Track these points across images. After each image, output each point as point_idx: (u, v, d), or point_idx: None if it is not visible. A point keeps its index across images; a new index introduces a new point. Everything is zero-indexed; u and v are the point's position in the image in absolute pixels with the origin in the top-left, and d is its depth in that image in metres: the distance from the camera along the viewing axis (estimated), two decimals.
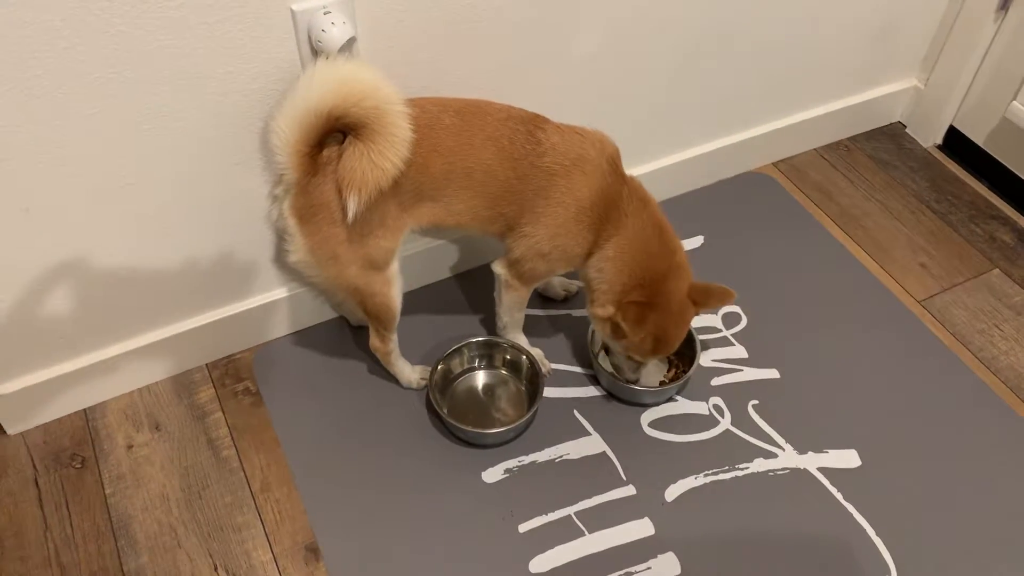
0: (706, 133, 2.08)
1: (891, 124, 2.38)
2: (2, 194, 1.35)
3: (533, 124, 1.47)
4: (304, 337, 1.83)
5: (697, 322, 1.86)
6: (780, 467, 1.66)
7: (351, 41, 1.40)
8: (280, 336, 1.83)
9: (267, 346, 1.82)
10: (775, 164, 2.26)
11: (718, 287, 1.59)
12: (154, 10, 1.26)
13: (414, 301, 1.86)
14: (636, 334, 1.53)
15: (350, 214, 1.36)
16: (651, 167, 2.03)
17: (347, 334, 1.84)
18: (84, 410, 1.72)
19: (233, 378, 1.77)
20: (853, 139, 2.34)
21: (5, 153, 1.31)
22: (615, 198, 1.50)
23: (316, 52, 1.40)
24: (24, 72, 1.24)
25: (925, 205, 2.17)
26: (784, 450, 1.68)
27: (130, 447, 1.67)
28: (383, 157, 1.33)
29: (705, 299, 1.58)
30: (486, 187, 1.47)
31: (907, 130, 2.36)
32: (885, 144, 2.33)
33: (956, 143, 2.28)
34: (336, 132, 1.37)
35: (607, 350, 1.73)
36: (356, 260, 1.46)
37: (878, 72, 2.24)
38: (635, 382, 1.69)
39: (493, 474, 1.63)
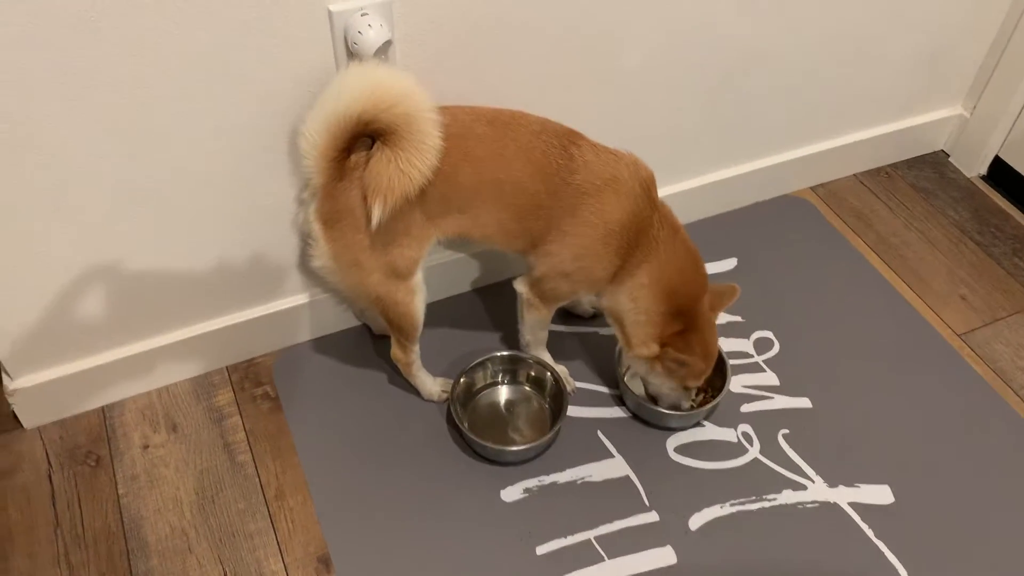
0: (743, 154, 2.04)
1: (934, 152, 2.33)
2: (33, 191, 1.34)
3: (568, 139, 1.44)
4: (325, 344, 1.81)
5: (728, 347, 1.82)
6: (809, 500, 1.60)
7: (387, 44, 1.38)
8: (302, 341, 1.81)
9: (288, 351, 1.79)
10: (813, 188, 2.21)
11: (724, 286, 1.57)
12: (190, 6, 1.24)
13: (437, 312, 1.82)
14: (692, 356, 1.50)
15: (374, 221, 1.33)
16: (687, 186, 1.99)
17: (369, 343, 1.81)
18: (102, 407, 1.70)
19: (252, 382, 1.74)
20: (894, 166, 2.28)
21: (38, 151, 1.30)
22: (646, 224, 1.46)
23: (351, 55, 1.38)
24: (58, 71, 1.22)
25: (967, 236, 2.11)
26: (814, 482, 1.62)
27: (146, 447, 1.64)
28: (411, 165, 1.30)
29: (719, 302, 1.56)
30: (515, 200, 1.44)
31: (950, 159, 2.30)
32: (927, 172, 2.27)
33: (1001, 174, 2.22)
34: (365, 137, 1.34)
35: (652, 398, 1.68)
36: (379, 268, 1.44)
37: (923, 99, 2.19)
38: (687, 407, 1.66)
39: (512, 493, 1.59)
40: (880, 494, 1.61)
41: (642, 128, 1.80)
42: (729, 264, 1.99)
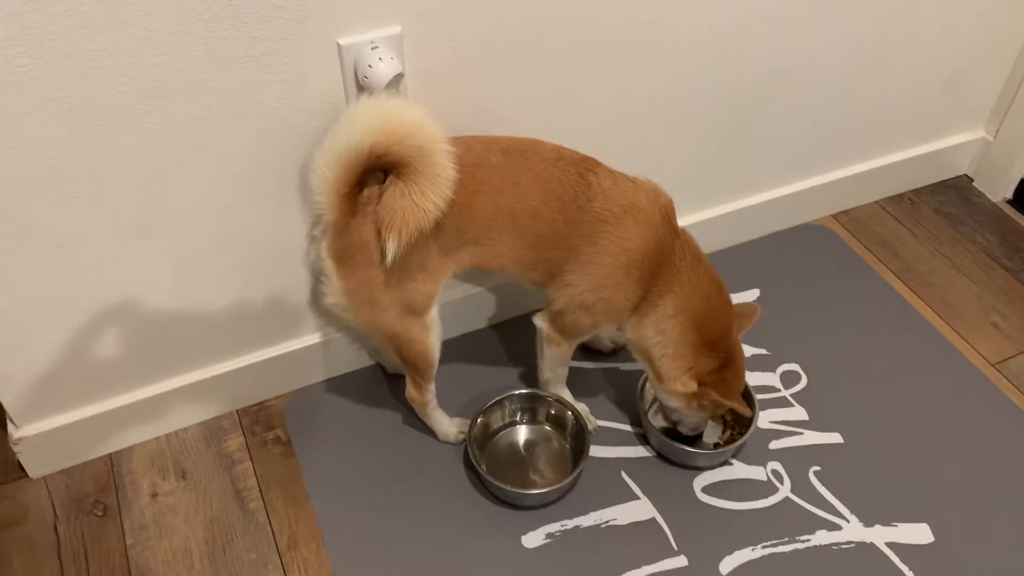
0: (763, 182, 2.00)
1: (957, 177, 2.28)
2: (36, 228, 1.31)
3: (584, 167, 1.40)
4: (339, 384, 1.76)
5: (754, 381, 1.76)
6: (844, 540, 1.53)
7: (399, 77, 1.34)
8: (314, 383, 1.76)
9: (300, 393, 1.74)
10: (834, 216, 2.16)
11: (746, 306, 1.53)
12: (196, 40, 1.21)
13: (452, 350, 1.77)
14: (733, 399, 1.46)
15: (389, 256, 1.29)
16: (705, 215, 1.95)
17: (383, 382, 1.76)
18: (110, 455, 1.65)
19: (264, 426, 1.69)
20: (917, 192, 2.23)
21: (40, 186, 1.26)
22: (667, 251, 1.42)
23: (362, 88, 1.35)
24: (61, 103, 1.20)
25: (996, 262, 2.05)
26: (849, 522, 1.56)
27: (154, 495, 1.59)
28: (425, 197, 1.27)
29: (742, 323, 1.52)
30: (532, 230, 1.40)
31: (974, 183, 2.25)
32: (951, 197, 2.22)
33: None
34: (377, 171, 1.31)
35: (665, 416, 1.63)
36: (394, 304, 1.39)
37: (944, 123, 2.14)
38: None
39: (534, 539, 1.52)
40: (919, 533, 1.54)
41: (658, 156, 1.75)
42: (751, 295, 1.94)
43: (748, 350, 1.81)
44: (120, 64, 1.19)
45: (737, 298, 1.87)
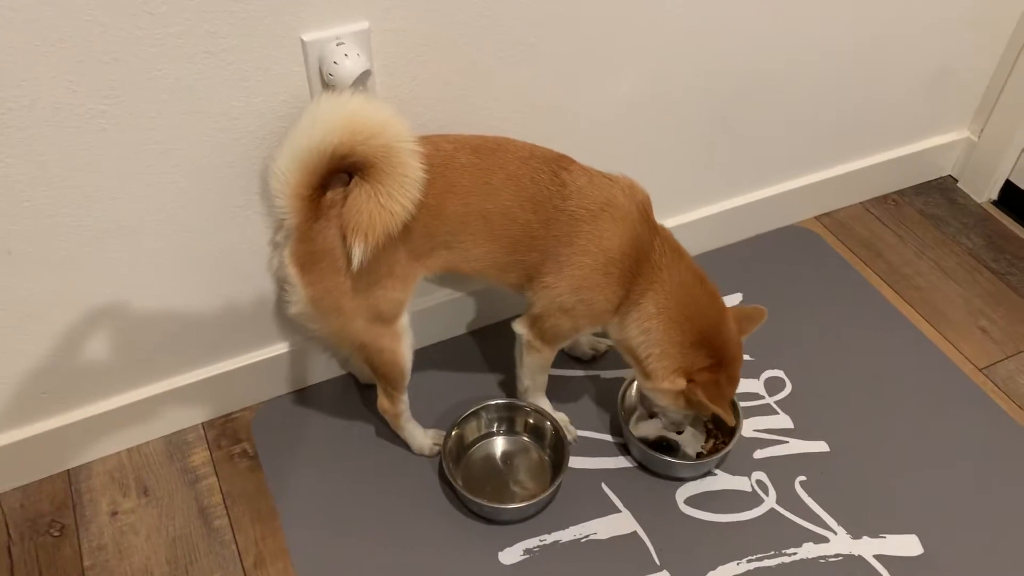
0: (745, 183, 1.95)
1: (941, 178, 2.24)
2: None
3: (558, 164, 1.35)
4: (308, 396, 1.69)
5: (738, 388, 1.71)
6: (832, 553, 1.48)
7: (366, 75, 1.29)
8: (282, 394, 1.69)
9: (268, 405, 1.68)
10: (818, 218, 2.12)
11: (751, 309, 1.48)
12: (150, 35, 1.15)
13: (427, 359, 1.73)
14: (720, 404, 1.39)
15: (355, 261, 1.23)
16: (686, 218, 1.90)
17: (355, 393, 1.69)
18: (67, 471, 1.58)
19: (230, 439, 1.63)
20: (901, 193, 2.20)
21: None
22: (647, 249, 1.37)
23: (327, 86, 1.29)
24: (6, 103, 1.13)
25: (982, 264, 2.01)
26: (836, 534, 1.51)
27: (114, 514, 1.52)
28: (392, 199, 1.21)
29: (747, 327, 1.47)
30: (505, 231, 1.35)
31: (959, 184, 2.22)
32: (935, 199, 2.19)
33: (1013, 199, 2.13)
34: (341, 173, 1.25)
35: (651, 414, 1.56)
36: (362, 312, 1.33)
37: (928, 123, 2.11)
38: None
39: (511, 555, 1.47)
40: (908, 545, 1.50)
41: (637, 157, 1.70)
42: (734, 299, 1.89)
43: None
44: (69, 59, 1.12)
45: None
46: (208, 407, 1.64)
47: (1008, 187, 2.14)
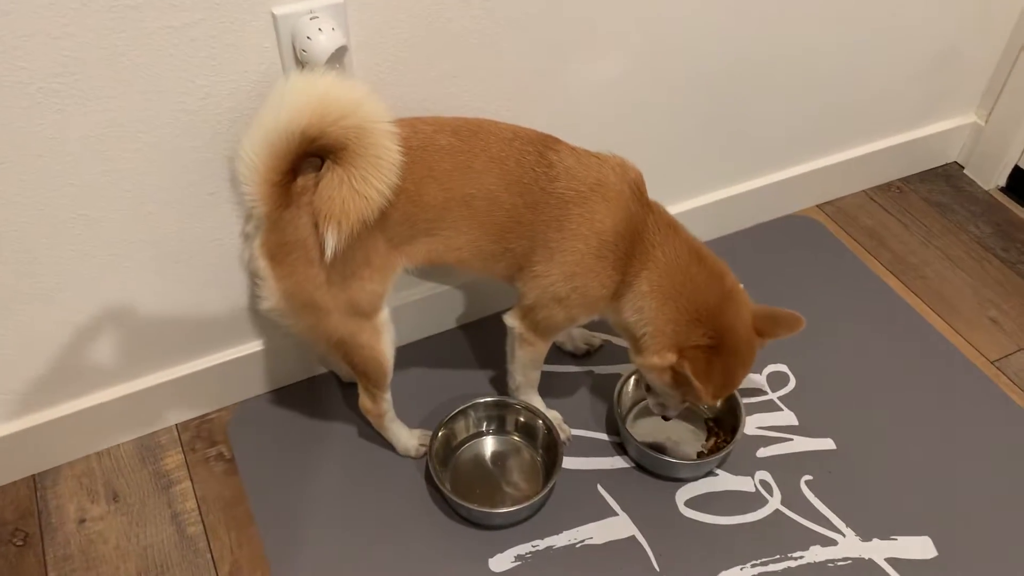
0: (743, 171, 1.87)
1: (947, 165, 2.17)
2: None
3: (544, 145, 1.28)
4: (288, 395, 1.61)
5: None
6: (840, 557, 1.41)
7: (341, 51, 1.21)
8: (260, 394, 1.61)
9: (245, 405, 1.60)
10: (820, 206, 2.04)
11: (786, 313, 1.36)
12: (107, 9, 1.06)
13: (414, 355, 1.66)
14: (705, 384, 1.29)
15: (328, 251, 1.16)
16: (682, 207, 1.82)
17: (336, 392, 1.61)
18: (33, 476, 1.50)
19: (205, 441, 1.55)
20: (905, 180, 2.12)
21: None
22: (640, 229, 1.30)
23: (300, 63, 1.20)
24: None
25: (991, 253, 1.94)
26: (845, 536, 1.43)
27: (82, 521, 1.44)
28: (367, 184, 1.14)
29: (772, 328, 1.35)
30: (490, 217, 1.27)
31: (965, 171, 2.14)
32: (941, 186, 2.11)
33: (1022, 185, 2.06)
34: (313, 157, 1.17)
35: (648, 388, 1.47)
36: (338, 306, 1.25)
37: (933, 107, 2.03)
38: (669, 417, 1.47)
39: (502, 561, 1.39)
40: (920, 547, 1.43)
41: (628, 144, 1.59)
42: None
43: None
44: (17, 34, 1.04)
45: None
46: (182, 408, 1.56)
47: (1017, 173, 2.06)
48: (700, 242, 1.34)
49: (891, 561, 1.40)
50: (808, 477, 1.51)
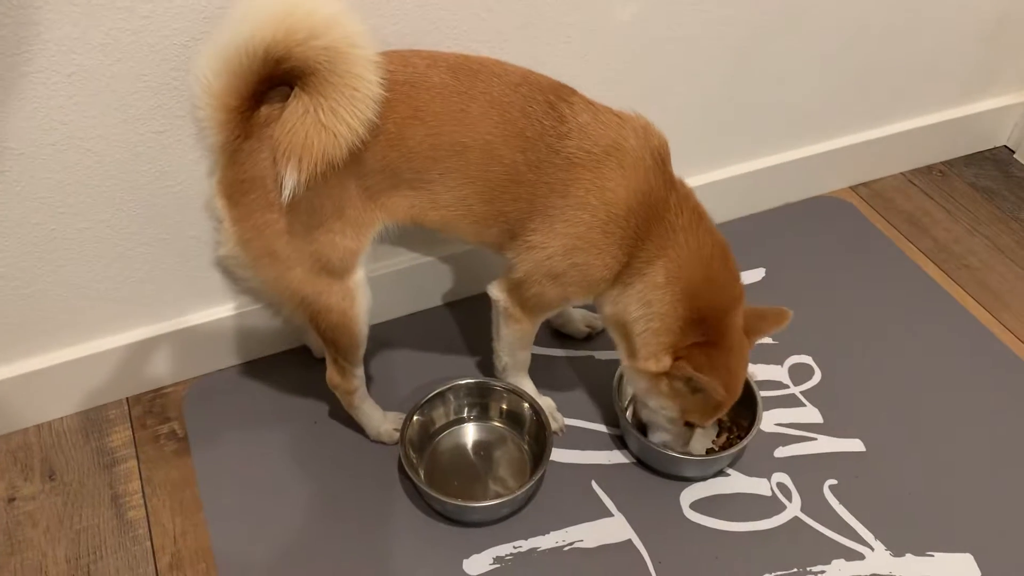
0: (771, 143, 1.71)
1: (995, 148, 1.98)
2: None
3: (556, 95, 1.13)
4: (253, 370, 1.47)
5: (758, 374, 1.47)
6: (868, 573, 1.25)
7: None
8: (223, 367, 1.47)
9: (205, 379, 1.46)
10: (853, 188, 1.87)
11: (771, 309, 1.25)
12: None
13: (397, 331, 1.52)
14: (712, 376, 1.15)
15: (286, 192, 1.02)
16: (702, 179, 1.66)
17: (307, 370, 1.46)
18: None
19: (157, 417, 1.40)
20: (948, 163, 1.94)
21: None
22: (659, 206, 1.14)
23: None
24: None
25: None
26: (873, 549, 1.27)
27: (11, 500, 1.30)
28: (336, 117, 1.00)
29: (759, 326, 1.25)
30: (484, 173, 1.11)
31: (1016, 156, 1.95)
32: (988, 171, 1.93)
33: None
34: (280, 83, 1.03)
35: (635, 408, 1.32)
36: (301, 260, 1.11)
37: (984, 83, 1.86)
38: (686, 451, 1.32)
39: (478, 563, 1.23)
40: (962, 566, 1.26)
41: (643, 101, 1.44)
42: (756, 275, 1.65)
43: None
44: None
45: None
46: (134, 379, 1.42)
47: None
48: (720, 234, 1.19)
49: None
50: (832, 481, 1.34)
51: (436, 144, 1.10)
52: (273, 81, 1.02)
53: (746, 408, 1.36)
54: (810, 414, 1.44)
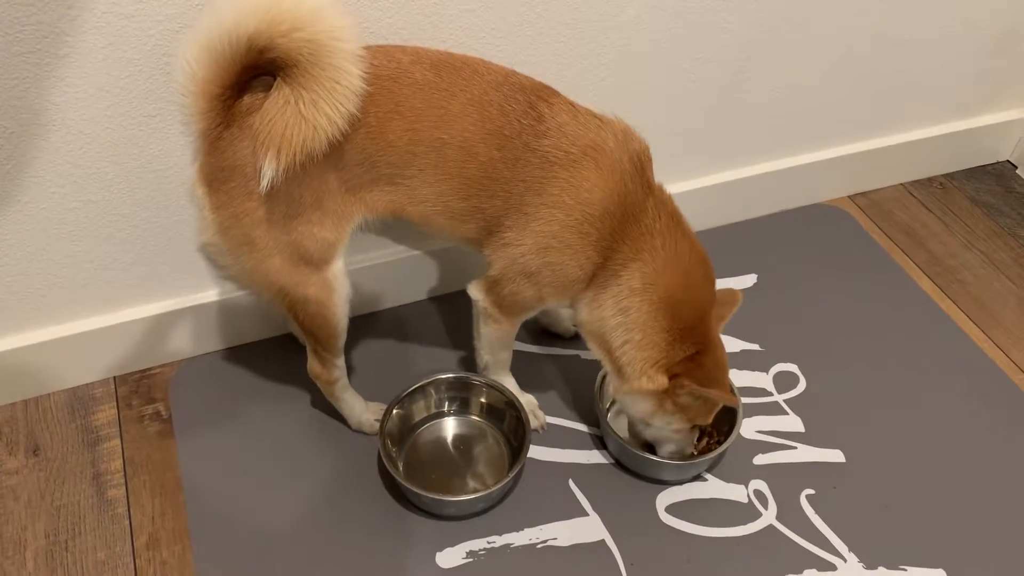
0: (767, 148, 1.70)
1: (998, 163, 1.97)
2: None
3: (536, 95, 1.13)
4: (240, 355, 1.48)
5: (741, 381, 1.47)
6: None
7: None
8: (209, 351, 1.48)
9: (192, 362, 1.47)
10: (852, 197, 1.85)
11: (723, 292, 1.25)
12: None
13: (382, 323, 1.52)
14: (713, 387, 1.17)
15: (264, 182, 1.03)
16: (695, 185, 1.66)
17: (292, 357, 1.46)
18: None
19: (143, 398, 1.41)
20: (949, 176, 1.93)
21: None
22: (636, 209, 1.14)
23: None
24: None
25: None
26: (846, 561, 1.26)
27: None
28: (316, 109, 1.00)
29: (724, 311, 1.25)
30: (461, 169, 1.12)
31: (1018, 171, 1.94)
32: (989, 185, 1.91)
33: None
34: (263, 73, 1.03)
35: (635, 428, 1.33)
36: (280, 249, 1.11)
37: (986, 96, 1.84)
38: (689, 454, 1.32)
39: (451, 557, 1.24)
40: None
41: (637, 104, 1.46)
42: (747, 282, 1.65)
43: (736, 344, 1.53)
44: None
45: (729, 284, 1.61)
46: (123, 359, 1.43)
47: None
48: (697, 239, 1.19)
49: None
50: (810, 491, 1.34)
51: (415, 140, 1.10)
52: (256, 70, 1.02)
53: (725, 413, 1.35)
54: (792, 423, 1.43)
